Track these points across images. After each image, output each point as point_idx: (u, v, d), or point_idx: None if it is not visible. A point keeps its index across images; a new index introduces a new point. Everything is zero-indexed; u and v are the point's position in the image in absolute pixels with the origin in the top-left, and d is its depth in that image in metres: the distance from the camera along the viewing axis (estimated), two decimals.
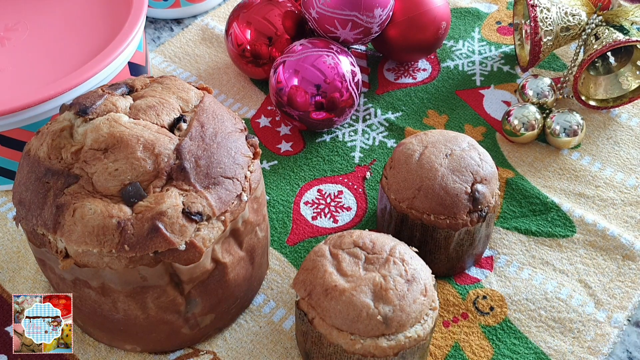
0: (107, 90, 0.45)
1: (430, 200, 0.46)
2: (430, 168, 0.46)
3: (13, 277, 0.52)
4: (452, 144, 0.48)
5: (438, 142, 0.48)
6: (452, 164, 0.47)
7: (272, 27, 0.63)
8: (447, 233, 0.47)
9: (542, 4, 0.63)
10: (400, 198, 0.47)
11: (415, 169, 0.47)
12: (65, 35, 0.60)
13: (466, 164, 0.47)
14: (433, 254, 0.49)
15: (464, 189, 0.46)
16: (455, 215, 0.46)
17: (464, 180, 0.46)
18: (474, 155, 0.47)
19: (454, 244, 0.48)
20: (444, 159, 0.47)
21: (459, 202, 0.46)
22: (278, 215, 0.56)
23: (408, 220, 0.47)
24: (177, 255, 0.40)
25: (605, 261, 0.53)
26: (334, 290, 0.41)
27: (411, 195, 0.47)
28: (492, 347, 0.48)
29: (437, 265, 0.50)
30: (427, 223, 0.46)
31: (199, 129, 0.43)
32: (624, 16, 0.63)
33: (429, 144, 0.48)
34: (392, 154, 0.49)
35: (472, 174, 0.46)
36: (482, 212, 0.47)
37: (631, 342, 0.49)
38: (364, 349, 0.40)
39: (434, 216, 0.46)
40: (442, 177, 0.46)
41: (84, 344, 0.48)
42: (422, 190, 0.46)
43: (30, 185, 0.41)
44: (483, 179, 0.47)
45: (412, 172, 0.47)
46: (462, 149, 0.47)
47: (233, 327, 0.49)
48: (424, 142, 0.48)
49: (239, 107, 0.66)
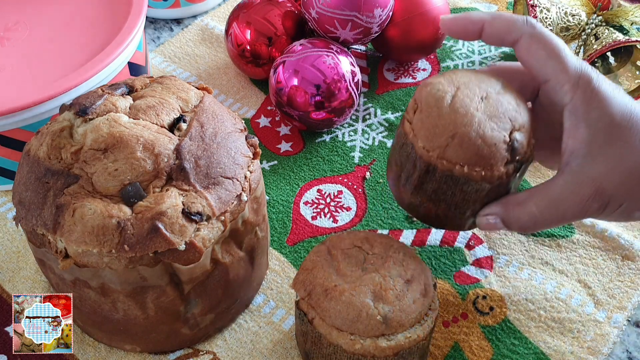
0: (107, 90, 0.45)
1: (465, 149, 0.40)
2: (466, 113, 0.40)
3: (13, 277, 0.52)
4: (487, 84, 0.42)
5: (470, 83, 0.42)
6: (489, 109, 0.41)
7: (272, 27, 0.63)
8: (480, 186, 0.41)
9: (542, 4, 0.64)
10: (430, 146, 0.41)
11: (449, 113, 0.40)
12: (65, 35, 0.60)
13: (504, 110, 0.41)
14: (459, 209, 0.43)
15: (502, 137, 0.40)
16: (492, 167, 0.40)
17: (502, 128, 0.40)
18: (510, 99, 0.42)
19: (484, 198, 0.42)
20: (479, 102, 0.41)
21: (497, 152, 0.40)
22: (278, 215, 0.56)
23: (435, 171, 0.41)
24: (177, 255, 0.40)
25: (605, 261, 0.53)
26: (334, 290, 0.41)
27: (443, 144, 0.40)
28: (492, 347, 0.48)
29: (460, 221, 0.45)
30: (459, 175, 0.41)
31: (199, 129, 0.43)
32: (624, 16, 0.63)
33: (461, 85, 0.42)
34: (416, 95, 0.43)
35: (510, 121, 0.41)
36: (518, 162, 0.41)
37: (631, 342, 0.49)
38: (363, 349, 0.40)
39: (467, 167, 0.40)
40: (479, 123, 0.40)
41: (84, 344, 0.48)
42: (457, 138, 0.40)
43: (30, 185, 0.41)
44: (521, 126, 0.41)
45: (445, 117, 0.40)
46: (497, 91, 0.42)
47: (233, 327, 0.49)
48: (454, 82, 0.42)
49: (238, 107, 0.66)
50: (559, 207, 0.40)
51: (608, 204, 0.40)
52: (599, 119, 0.39)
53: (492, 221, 0.42)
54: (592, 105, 0.39)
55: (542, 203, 0.41)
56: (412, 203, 0.45)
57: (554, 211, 0.41)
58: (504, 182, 0.42)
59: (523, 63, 0.42)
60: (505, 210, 0.42)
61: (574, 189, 0.40)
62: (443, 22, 0.44)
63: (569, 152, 0.40)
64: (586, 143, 0.39)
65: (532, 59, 0.41)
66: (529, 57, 0.41)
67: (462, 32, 0.43)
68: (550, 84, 0.41)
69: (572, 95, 0.40)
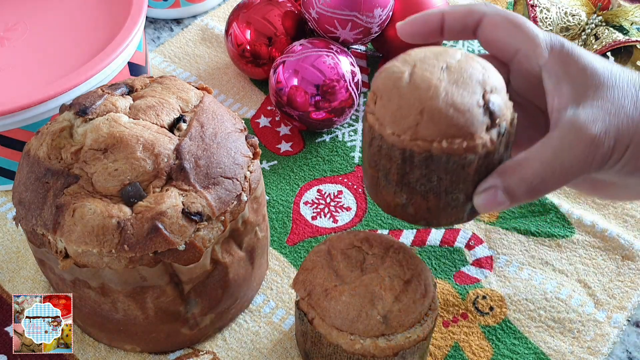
0: (107, 90, 0.45)
1: (438, 123, 0.36)
2: (429, 86, 0.37)
3: (13, 277, 0.52)
4: (445, 56, 0.39)
5: (427, 58, 0.39)
6: (453, 77, 0.37)
7: (272, 27, 0.63)
8: (465, 160, 0.37)
9: (542, 4, 0.64)
10: (400, 130, 0.37)
11: (410, 90, 0.37)
12: (65, 35, 0.60)
13: (469, 75, 0.38)
14: (450, 195, 0.39)
15: (475, 101, 0.37)
16: (473, 135, 0.37)
17: (473, 92, 0.37)
18: (475, 64, 0.39)
19: (474, 175, 0.38)
20: (441, 73, 0.38)
21: (473, 117, 0.37)
22: (278, 215, 0.56)
23: (413, 157, 0.37)
24: (176, 255, 0.40)
25: (605, 261, 0.53)
26: (334, 290, 0.41)
27: (413, 123, 0.37)
28: (492, 347, 0.48)
29: (457, 210, 0.40)
30: (439, 153, 0.37)
31: (199, 129, 0.43)
32: (624, 16, 0.63)
33: (417, 62, 0.38)
34: (373, 86, 0.39)
35: (479, 84, 0.37)
36: (500, 127, 0.38)
37: (631, 342, 0.49)
38: (363, 349, 0.40)
39: (446, 142, 0.37)
40: (445, 92, 0.37)
41: (84, 344, 0.48)
42: (426, 113, 0.36)
43: (30, 185, 0.41)
44: (493, 88, 0.38)
45: (407, 95, 0.37)
46: (457, 60, 0.39)
47: (233, 327, 0.49)
48: (409, 61, 0.39)
49: (238, 107, 0.66)
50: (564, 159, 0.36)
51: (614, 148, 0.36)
52: (579, 72, 0.37)
53: (491, 196, 0.37)
54: (570, 62, 0.38)
55: (544, 157, 0.36)
56: (399, 204, 0.40)
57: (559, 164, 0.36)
58: (491, 151, 0.38)
59: (489, 42, 0.40)
60: (504, 178, 0.37)
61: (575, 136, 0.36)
62: (400, 28, 0.41)
63: (557, 109, 0.38)
64: (573, 96, 0.37)
65: (499, 33, 0.39)
66: (494, 32, 0.39)
67: (421, 33, 0.40)
68: (522, 52, 0.39)
69: (546, 55, 0.38)
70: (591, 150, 0.36)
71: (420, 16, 0.41)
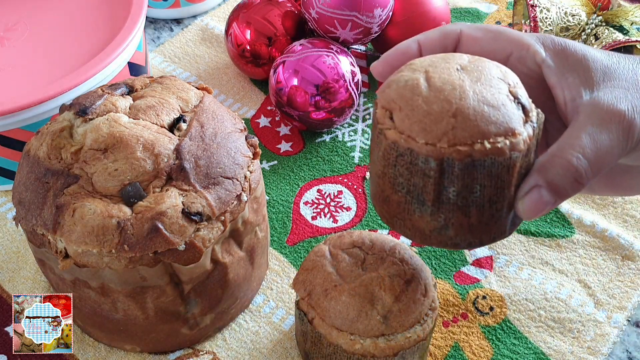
0: (107, 90, 0.45)
1: (475, 122, 0.33)
2: (453, 87, 0.34)
3: (13, 277, 0.52)
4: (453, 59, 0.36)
5: (436, 63, 0.36)
6: (473, 75, 0.34)
7: (272, 27, 0.63)
8: (510, 161, 0.33)
9: (541, 4, 0.64)
10: (434, 137, 0.33)
11: (435, 94, 0.34)
12: (65, 35, 0.60)
13: (488, 72, 0.35)
14: (494, 205, 0.34)
15: (505, 96, 0.34)
16: (514, 131, 0.33)
17: (498, 89, 0.34)
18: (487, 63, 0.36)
19: (517, 178, 0.34)
20: (459, 73, 0.35)
21: (510, 112, 0.33)
22: (278, 215, 0.56)
23: (453, 166, 0.33)
24: (176, 255, 0.40)
25: (605, 261, 0.53)
26: (334, 290, 0.41)
27: (448, 127, 0.33)
28: (492, 347, 0.48)
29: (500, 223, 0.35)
30: (481, 156, 0.33)
31: (199, 129, 0.43)
32: (624, 16, 0.63)
33: (428, 67, 0.35)
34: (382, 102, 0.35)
35: (501, 80, 0.35)
36: (533, 122, 0.34)
37: (631, 342, 0.49)
38: (363, 349, 0.40)
39: (488, 142, 0.33)
40: (473, 90, 0.34)
41: (84, 344, 0.48)
42: (459, 114, 0.33)
43: (30, 185, 0.41)
44: (515, 83, 0.35)
45: (433, 99, 0.33)
46: (468, 61, 0.36)
47: (233, 327, 0.49)
48: (417, 69, 0.35)
49: (238, 107, 0.66)
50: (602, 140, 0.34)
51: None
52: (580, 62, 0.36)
53: (536, 196, 0.34)
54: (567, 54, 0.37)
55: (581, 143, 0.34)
56: (435, 228, 0.35)
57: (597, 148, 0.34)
58: (530, 148, 0.34)
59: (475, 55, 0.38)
60: (544, 174, 0.34)
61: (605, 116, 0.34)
62: (375, 68, 0.39)
63: (570, 99, 0.36)
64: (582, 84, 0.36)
65: (482, 45, 0.38)
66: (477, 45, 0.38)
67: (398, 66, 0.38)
68: (514, 56, 0.38)
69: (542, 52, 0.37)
70: (625, 127, 0.34)
71: (395, 50, 0.39)
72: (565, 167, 0.33)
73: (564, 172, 0.34)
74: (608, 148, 0.34)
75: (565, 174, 0.34)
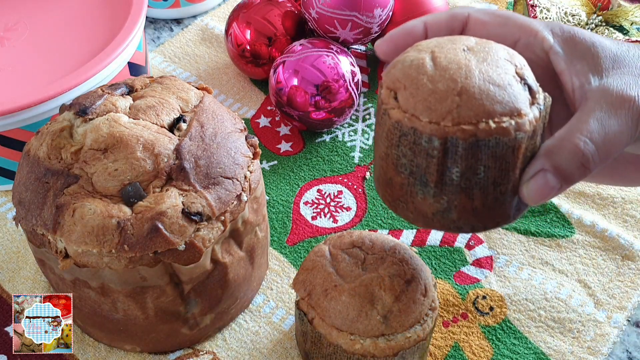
0: (107, 90, 0.45)
1: (480, 100, 0.33)
2: (459, 66, 0.33)
3: (13, 277, 0.52)
4: (459, 41, 0.36)
5: (442, 44, 0.35)
6: (480, 56, 0.34)
7: (272, 27, 0.63)
8: (515, 142, 0.33)
9: (542, 4, 0.64)
10: (438, 116, 0.33)
11: (441, 73, 0.33)
12: (65, 35, 0.60)
13: (494, 53, 0.35)
14: (498, 188, 0.34)
15: (512, 76, 0.34)
16: (520, 111, 0.33)
17: (505, 69, 0.34)
18: (494, 45, 0.36)
19: (522, 159, 0.34)
20: (465, 53, 0.34)
21: (516, 92, 0.33)
22: (278, 215, 0.56)
23: (457, 145, 0.33)
24: (176, 255, 0.40)
25: (605, 261, 0.53)
26: (334, 290, 0.41)
27: (452, 105, 0.33)
28: (492, 347, 0.48)
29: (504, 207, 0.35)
30: (486, 136, 0.32)
31: (199, 129, 0.43)
32: (624, 16, 0.63)
33: (434, 48, 0.35)
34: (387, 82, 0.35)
35: (508, 61, 0.35)
36: (539, 104, 0.34)
37: (631, 342, 0.49)
38: (363, 349, 0.40)
39: (493, 121, 0.32)
40: (479, 70, 0.33)
41: (84, 344, 0.48)
42: (465, 92, 0.33)
43: (30, 185, 0.41)
44: (522, 64, 0.35)
45: (438, 78, 0.33)
46: (475, 42, 0.36)
47: (233, 327, 0.49)
48: (423, 49, 0.35)
49: (238, 107, 0.66)
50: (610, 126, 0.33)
51: None
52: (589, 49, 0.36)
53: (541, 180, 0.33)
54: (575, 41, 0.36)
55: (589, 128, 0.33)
56: (438, 210, 0.35)
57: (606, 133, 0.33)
58: (536, 130, 0.34)
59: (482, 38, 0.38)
60: (550, 158, 0.33)
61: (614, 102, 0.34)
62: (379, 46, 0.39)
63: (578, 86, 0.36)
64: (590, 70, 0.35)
65: (490, 29, 0.38)
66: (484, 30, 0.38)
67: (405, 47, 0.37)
68: (522, 42, 0.37)
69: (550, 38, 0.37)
70: (635, 113, 0.34)
71: (401, 30, 0.38)
72: (572, 151, 0.33)
73: (571, 156, 0.33)
74: (617, 133, 0.33)
75: (572, 159, 0.33)
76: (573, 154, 0.33)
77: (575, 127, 0.34)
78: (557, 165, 0.33)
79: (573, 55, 0.36)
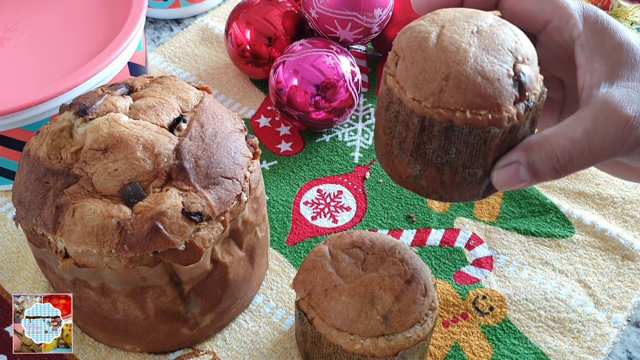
0: (107, 90, 0.45)
1: (464, 91, 0.34)
2: (457, 50, 0.34)
3: (13, 277, 0.52)
4: (476, 19, 0.36)
5: (457, 19, 0.36)
6: (484, 42, 0.35)
7: (271, 27, 0.63)
8: (488, 134, 0.35)
9: None
10: (421, 96, 0.34)
11: (436, 53, 0.34)
12: (65, 35, 0.60)
13: (501, 41, 0.35)
14: (467, 169, 0.36)
15: (505, 71, 0.34)
16: (500, 107, 0.34)
17: (503, 61, 0.35)
18: (507, 31, 0.36)
19: (496, 151, 0.36)
20: (471, 37, 0.35)
21: (502, 88, 0.34)
22: (278, 215, 0.56)
23: (433, 126, 0.35)
24: (176, 255, 0.40)
25: (605, 261, 0.53)
26: (334, 290, 0.41)
27: (437, 89, 0.34)
28: (492, 347, 0.48)
29: (473, 187, 0.37)
30: (461, 124, 0.34)
31: (199, 129, 0.43)
32: (624, 16, 0.63)
33: (446, 23, 0.36)
34: (395, 45, 0.37)
35: (511, 53, 0.35)
36: (529, 101, 0.35)
37: (631, 342, 0.49)
38: (363, 349, 0.40)
39: (470, 112, 0.34)
40: (475, 58, 0.34)
41: (84, 344, 0.48)
42: (452, 79, 0.34)
43: (30, 185, 0.41)
44: (525, 58, 0.35)
45: (433, 58, 0.34)
46: (489, 24, 0.36)
47: (233, 327, 0.49)
48: (437, 21, 0.36)
49: (238, 107, 0.66)
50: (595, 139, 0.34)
51: None
52: (615, 48, 0.35)
53: (513, 172, 0.35)
54: (605, 36, 0.36)
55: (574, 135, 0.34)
56: (411, 175, 0.37)
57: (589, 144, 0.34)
58: (516, 126, 0.35)
59: (514, 14, 0.38)
60: (528, 153, 0.35)
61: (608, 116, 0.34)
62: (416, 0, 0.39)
63: (589, 86, 0.36)
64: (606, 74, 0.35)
65: (525, 4, 0.37)
66: (520, 3, 0.37)
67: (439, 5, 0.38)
68: (553, 24, 0.37)
69: (580, 27, 0.36)
70: (625, 133, 0.34)
71: None
72: (549, 154, 0.34)
73: (547, 158, 0.34)
74: (599, 149, 0.34)
75: (547, 160, 0.34)
76: (549, 157, 0.34)
77: (562, 130, 0.35)
78: (531, 162, 0.34)
79: (596, 51, 0.36)
